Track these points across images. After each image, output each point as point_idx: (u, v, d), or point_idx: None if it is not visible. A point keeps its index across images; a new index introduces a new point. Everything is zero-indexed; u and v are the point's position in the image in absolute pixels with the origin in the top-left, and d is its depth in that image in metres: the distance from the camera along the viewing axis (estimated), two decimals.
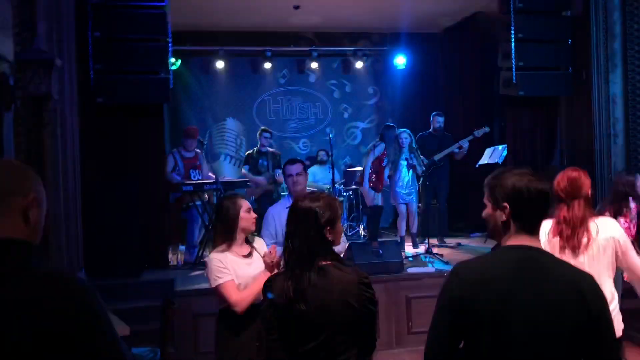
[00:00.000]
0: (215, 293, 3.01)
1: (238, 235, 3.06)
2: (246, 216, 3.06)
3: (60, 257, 5.51)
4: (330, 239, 2.22)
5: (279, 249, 2.77)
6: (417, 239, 7.09)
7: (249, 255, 3.11)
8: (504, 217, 1.72)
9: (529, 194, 1.69)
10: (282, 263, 2.55)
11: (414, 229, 7.06)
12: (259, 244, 3.28)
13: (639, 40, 6.68)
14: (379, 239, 6.49)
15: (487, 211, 1.79)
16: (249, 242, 3.18)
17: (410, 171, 6.86)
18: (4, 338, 1.20)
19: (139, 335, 4.45)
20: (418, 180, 7.02)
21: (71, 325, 1.25)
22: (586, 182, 2.92)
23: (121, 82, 6.02)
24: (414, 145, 6.93)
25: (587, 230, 2.81)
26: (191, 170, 6.74)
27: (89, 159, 6.06)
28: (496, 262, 1.71)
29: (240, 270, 3.02)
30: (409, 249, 6.86)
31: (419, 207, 7.17)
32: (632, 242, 2.99)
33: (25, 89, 3.81)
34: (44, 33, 4.63)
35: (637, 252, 2.93)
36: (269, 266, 2.89)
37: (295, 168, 4.00)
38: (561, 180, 2.93)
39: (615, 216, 4.24)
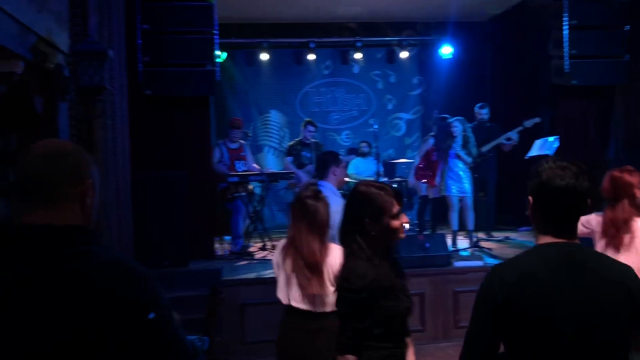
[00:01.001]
0: None
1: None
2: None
3: (110, 246, 5.65)
4: (376, 230, 2.19)
5: None
6: (473, 236, 6.65)
7: None
8: (534, 212, 1.68)
9: (550, 189, 1.62)
10: None
11: (471, 225, 6.65)
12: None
13: None
14: (425, 232, 6.40)
15: (529, 206, 1.73)
16: None
17: (462, 163, 6.63)
18: (67, 324, 1.20)
19: (186, 324, 4.53)
20: (474, 171, 6.70)
21: (133, 311, 1.25)
22: (632, 181, 2.91)
23: (169, 74, 6.12)
24: (468, 134, 6.69)
25: (631, 230, 2.85)
26: (236, 162, 6.80)
27: (138, 150, 6.18)
28: (535, 260, 1.65)
29: None
30: (458, 243, 6.70)
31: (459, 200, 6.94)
32: None
33: (79, 80, 3.89)
34: (95, 26, 4.73)
35: None
36: None
37: (345, 162, 4.05)
38: (605, 181, 2.99)
39: None
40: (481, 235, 6.98)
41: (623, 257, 2.78)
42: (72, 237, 1.30)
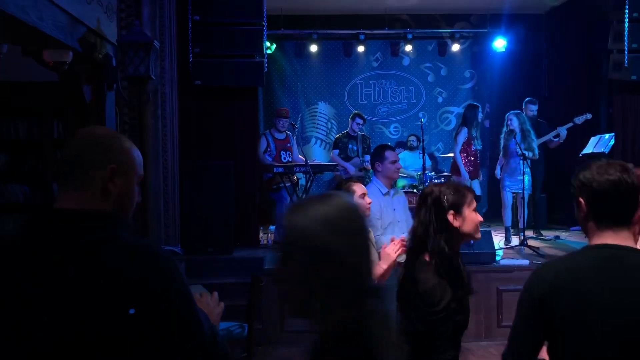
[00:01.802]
0: None
1: None
2: (360, 202, 2.94)
3: (158, 232, 5.81)
4: (456, 225, 2.13)
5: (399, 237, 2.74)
6: (524, 234, 6.40)
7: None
8: (581, 212, 1.62)
9: (600, 186, 1.56)
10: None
11: (522, 223, 6.50)
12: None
13: None
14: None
15: (576, 209, 1.68)
16: None
17: (521, 158, 6.47)
18: (88, 308, 1.23)
19: (228, 310, 4.61)
20: (530, 167, 6.49)
21: (151, 297, 1.27)
22: None
23: (218, 64, 6.21)
24: (527, 127, 6.52)
25: None
26: (282, 152, 6.84)
27: (187, 139, 6.32)
28: (578, 262, 1.61)
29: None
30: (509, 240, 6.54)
31: (513, 197, 6.77)
32: None
33: (126, 70, 4.01)
34: (148, 17, 4.86)
35: None
36: (386, 256, 2.75)
37: (397, 154, 3.98)
38: None
39: None
40: (530, 233, 6.79)
41: None
42: (95, 222, 1.32)
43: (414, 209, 2.28)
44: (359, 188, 2.97)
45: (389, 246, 2.75)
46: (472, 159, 7.02)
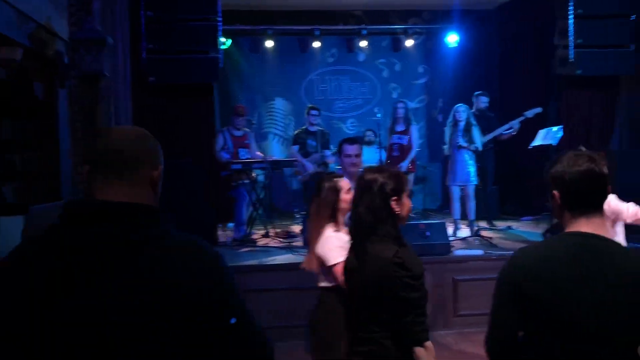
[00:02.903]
0: (328, 271, 2.91)
1: (339, 216, 2.98)
2: (346, 197, 2.94)
3: None
4: (397, 211, 2.20)
5: None
6: (474, 225, 6.66)
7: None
8: (556, 203, 1.71)
9: (571, 178, 1.65)
10: None
11: (472, 215, 6.66)
12: None
13: None
14: (426, 221, 6.41)
15: (551, 202, 1.76)
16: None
17: (468, 151, 6.62)
18: (144, 301, 1.19)
19: None
20: (476, 160, 6.69)
21: (214, 294, 1.25)
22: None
23: (172, 61, 6.13)
24: (472, 121, 6.69)
25: None
26: (240, 149, 6.81)
27: None
28: (553, 248, 1.68)
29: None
30: (459, 233, 6.70)
31: (461, 189, 6.91)
32: None
33: (79, 67, 3.92)
34: (99, 13, 4.75)
35: None
36: None
37: (355, 149, 3.97)
38: None
39: None
40: (483, 224, 6.98)
41: None
42: (153, 217, 1.30)
43: (355, 195, 2.33)
44: (345, 184, 3.00)
45: None
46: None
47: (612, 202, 3.49)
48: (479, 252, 5.69)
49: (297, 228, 7.16)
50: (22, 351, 1.19)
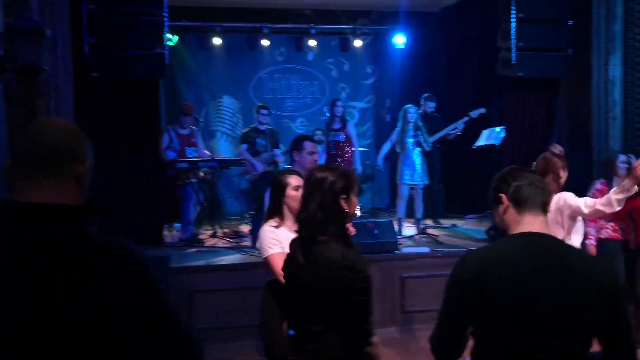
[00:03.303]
0: (264, 264, 2.91)
1: (286, 211, 2.96)
2: (292, 194, 2.93)
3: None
4: (345, 208, 2.22)
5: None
6: (420, 224, 6.78)
7: None
8: (503, 206, 1.79)
9: (514, 177, 1.79)
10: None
11: (419, 214, 6.78)
12: None
13: (639, 22, 6.62)
14: (374, 219, 6.47)
15: (496, 213, 1.86)
16: None
17: (418, 150, 6.73)
18: (65, 305, 1.17)
19: None
20: (425, 160, 6.80)
21: (135, 296, 1.23)
22: (557, 161, 3.69)
23: (116, 57, 5.95)
24: (419, 122, 6.79)
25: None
26: (187, 148, 6.69)
27: (84, 134, 6.01)
28: (506, 249, 1.73)
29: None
30: (404, 231, 6.79)
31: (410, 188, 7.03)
32: None
33: (16, 60, 3.75)
34: (37, 3, 4.56)
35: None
36: None
37: (315, 146, 4.05)
38: (539, 159, 3.80)
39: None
40: (429, 222, 7.11)
41: None
42: (74, 218, 1.26)
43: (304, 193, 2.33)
44: (294, 180, 2.97)
45: None
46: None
47: (570, 199, 3.64)
48: (426, 249, 5.80)
49: (245, 228, 7.10)
50: None
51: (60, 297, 1.17)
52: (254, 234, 6.07)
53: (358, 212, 8.11)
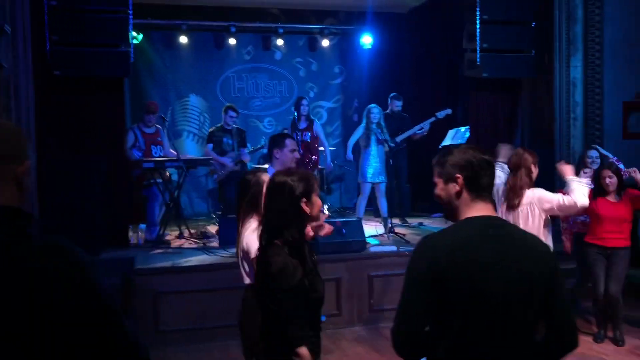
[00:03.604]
0: (253, 266, 2.90)
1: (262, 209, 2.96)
2: None
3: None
4: (307, 211, 2.22)
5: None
6: (388, 223, 6.73)
7: None
8: (457, 188, 1.78)
9: (479, 163, 1.78)
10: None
11: (385, 212, 6.80)
12: None
13: (599, 25, 6.81)
14: (342, 219, 6.48)
15: (440, 188, 1.84)
16: None
17: (381, 149, 6.76)
18: (5, 308, 1.17)
19: None
20: (386, 159, 6.85)
21: (74, 297, 1.23)
22: (529, 157, 3.83)
23: (80, 54, 5.83)
24: (382, 122, 6.84)
25: (522, 196, 3.78)
26: (152, 147, 6.59)
27: (45, 133, 5.87)
28: (465, 231, 1.74)
29: None
30: (368, 230, 6.80)
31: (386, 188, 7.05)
32: None
33: None
34: None
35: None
36: None
37: (295, 144, 3.98)
38: (512, 154, 3.98)
39: None
40: (396, 221, 7.17)
41: (511, 217, 3.79)
42: (7, 218, 1.25)
43: (265, 198, 2.35)
44: (267, 177, 2.96)
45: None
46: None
47: (545, 194, 3.80)
48: (393, 248, 5.84)
49: (212, 228, 7.04)
50: None
51: (1, 296, 1.18)
52: (222, 234, 6.03)
53: (326, 212, 8.14)
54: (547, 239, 3.78)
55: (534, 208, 3.75)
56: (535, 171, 3.84)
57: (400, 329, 1.71)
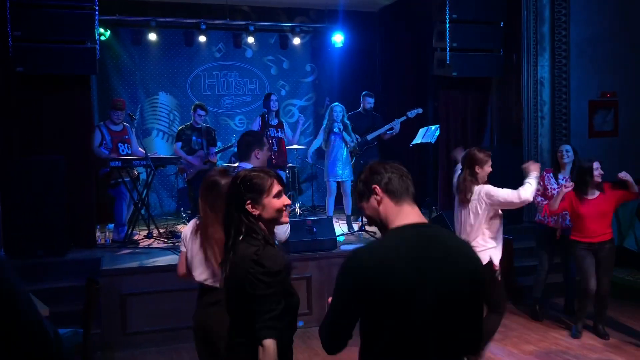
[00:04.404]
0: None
1: None
2: None
3: None
4: (256, 213, 2.17)
5: None
6: (351, 220, 6.90)
7: None
8: (378, 197, 1.80)
9: (384, 168, 1.83)
10: None
11: (349, 210, 6.88)
12: None
13: (565, 25, 6.92)
14: (313, 217, 6.47)
15: (365, 209, 1.86)
16: None
17: (344, 148, 6.78)
18: None
19: (62, 317, 4.29)
20: (351, 158, 6.94)
21: None
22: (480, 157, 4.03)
23: (44, 51, 5.70)
24: (346, 120, 6.84)
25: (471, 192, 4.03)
26: (119, 144, 6.46)
27: (9, 133, 5.73)
28: (395, 241, 1.73)
29: None
30: (338, 228, 6.80)
31: (352, 186, 7.07)
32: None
33: None
34: None
35: None
36: None
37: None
38: (464, 154, 4.20)
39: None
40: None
41: (463, 211, 4.05)
42: None
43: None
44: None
45: None
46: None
47: (491, 189, 3.94)
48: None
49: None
50: None
51: None
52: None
53: (298, 210, 8.12)
54: (497, 233, 4.01)
55: (482, 202, 3.94)
56: (484, 169, 4.02)
57: (329, 334, 1.79)
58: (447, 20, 6.66)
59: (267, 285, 2.04)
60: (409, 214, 1.77)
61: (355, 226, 6.76)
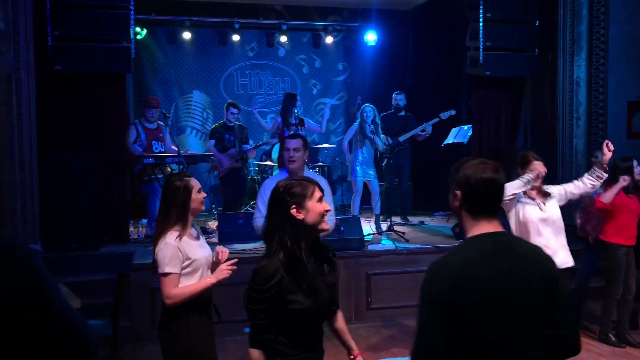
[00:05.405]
0: (159, 278, 2.79)
1: (189, 216, 2.88)
2: (197, 197, 2.88)
3: (14, 227, 5.40)
4: (300, 217, 2.20)
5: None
6: (380, 220, 6.85)
7: (198, 237, 2.97)
8: (457, 203, 1.77)
9: (476, 183, 1.73)
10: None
11: (377, 210, 6.84)
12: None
13: (604, 23, 6.74)
14: (341, 216, 6.48)
15: (450, 199, 1.82)
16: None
17: (371, 148, 6.74)
18: None
19: (95, 309, 4.40)
20: (380, 159, 6.90)
21: (17, 292, 1.22)
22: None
23: (81, 50, 5.85)
24: (377, 121, 6.83)
25: None
26: (154, 142, 6.59)
27: (47, 128, 5.90)
28: (472, 252, 1.71)
29: (194, 253, 2.84)
30: (367, 228, 6.78)
31: (381, 185, 7.03)
32: None
33: None
34: None
35: None
36: (218, 272, 2.80)
37: (294, 143, 3.80)
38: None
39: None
40: (397, 219, 7.15)
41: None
42: None
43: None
44: (195, 183, 2.92)
45: (225, 264, 2.81)
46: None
47: (552, 188, 3.90)
48: (392, 246, 5.82)
49: (213, 224, 7.05)
50: None
51: None
52: (222, 230, 6.05)
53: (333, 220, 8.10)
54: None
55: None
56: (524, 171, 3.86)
57: (422, 356, 1.68)
58: (481, 19, 6.57)
59: (255, 302, 2.14)
60: (483, 226, 1.74)
61: (384, 226, 6.73)
